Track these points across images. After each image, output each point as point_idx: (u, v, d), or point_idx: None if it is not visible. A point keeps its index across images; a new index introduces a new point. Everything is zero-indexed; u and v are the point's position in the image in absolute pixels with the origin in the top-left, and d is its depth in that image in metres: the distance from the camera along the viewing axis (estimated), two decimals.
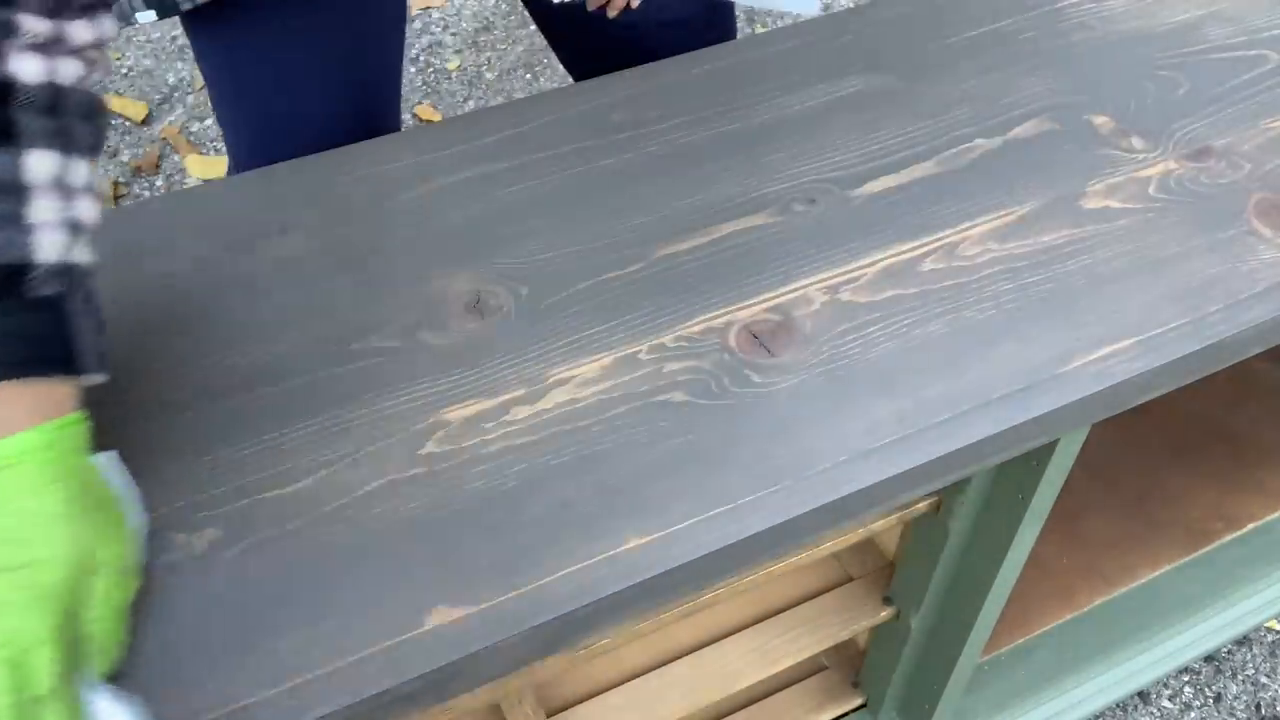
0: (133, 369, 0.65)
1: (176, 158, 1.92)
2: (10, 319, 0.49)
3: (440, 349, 0.67)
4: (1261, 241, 0.74)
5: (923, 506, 0.81)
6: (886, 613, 0.94)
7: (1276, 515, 1.18)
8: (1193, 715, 1.32)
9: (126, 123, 1.97)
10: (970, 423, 0.63)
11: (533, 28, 2.19)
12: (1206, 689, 1.34)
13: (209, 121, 1.97)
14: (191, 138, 1.95)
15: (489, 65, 2.13)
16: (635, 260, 0.72)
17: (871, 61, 0.88)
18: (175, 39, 2.12)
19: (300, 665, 0.52)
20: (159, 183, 1.88)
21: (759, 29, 2.18)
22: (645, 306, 0.69)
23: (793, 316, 0.69)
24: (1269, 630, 1.39)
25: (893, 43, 0.90)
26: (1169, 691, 1.34)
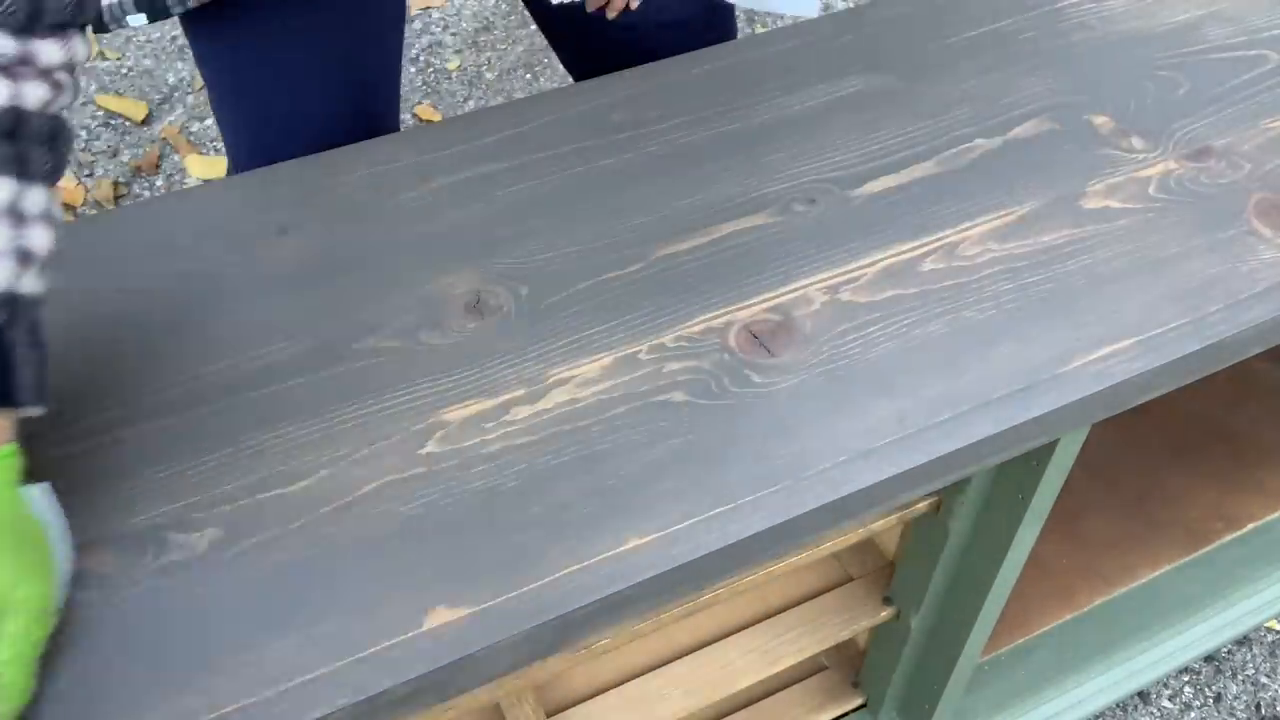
0: (133, 369, 0.65)
1: (176, 158, 1.91)
2: None
3: (440, 349, 0.67)
4: (1261, 241, 0.74)
5: (923, 506, 0.81)
6: (886, 613, 0.94)
7: (1276, 515, 1.18)
8: (1193, 715, 1.32)
9: (126, 123, 1.97)
10: (970, 423, 0.63)
11: (533, 28, 2.19)
12: (1206, 689, 1.34)
13: (209, 121, 1.97)
14: (191, 138, 1.95)
15: (489, 65, 2.13)
16: (635, 260, 0.72)
17: (871, 61, 0.88)
18: (175, 39, 2.12)
19: (300, 665, 0.52)
20: (159, 183, 1.88)
21: (759, 29, 2.18)
22: (645, 306, 0.69)
23: (793, 316, 0.69)
24: (1269, 630, 1.39)
25: (893, 43, 0.90)
26: (1169, 691, 1.34)
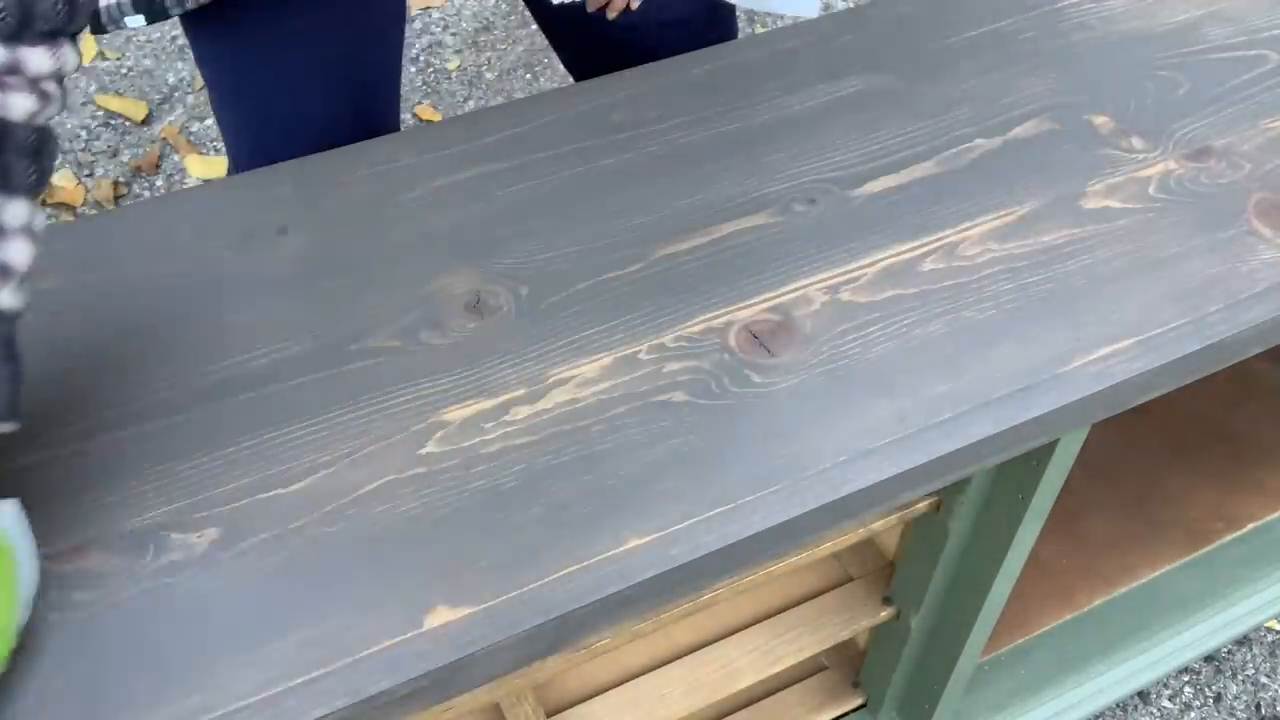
0: (133, 369, 0.65)
1: (176, 158, 1.91)
2: None
3: (440, 349, 0.67)
4: (1261, 241, 0.74)
5: (923, 506, 0.81)
6: (886, 613, 0.94)
7: (1276, 515, 1.18)
8: (1193, 715, 1.32)
9: (126, 123, 1.97)
10: (970, 423, 0.63)
11: (533, 28, 2.19)
12: (1206, 689, 1.34)
13: (209, 121, 1.97)
14: (191, 138, 1.95)
15: (489, 65, 2.13)
16: (635, 260, 0.72)
17: (871, 61, 0.88)
18: (175, 39, 2.12)
19: (300, 665, 0.52)
20: (159, 183, 1.88)
21: (759, 29, 2.18)
22: (645, 306, 0.69)
23: (793, 316, 0.69)
24: (1269, 630, 1.39)
25: (893, 43, 0.90)
26: (1169, 691, 1.34)
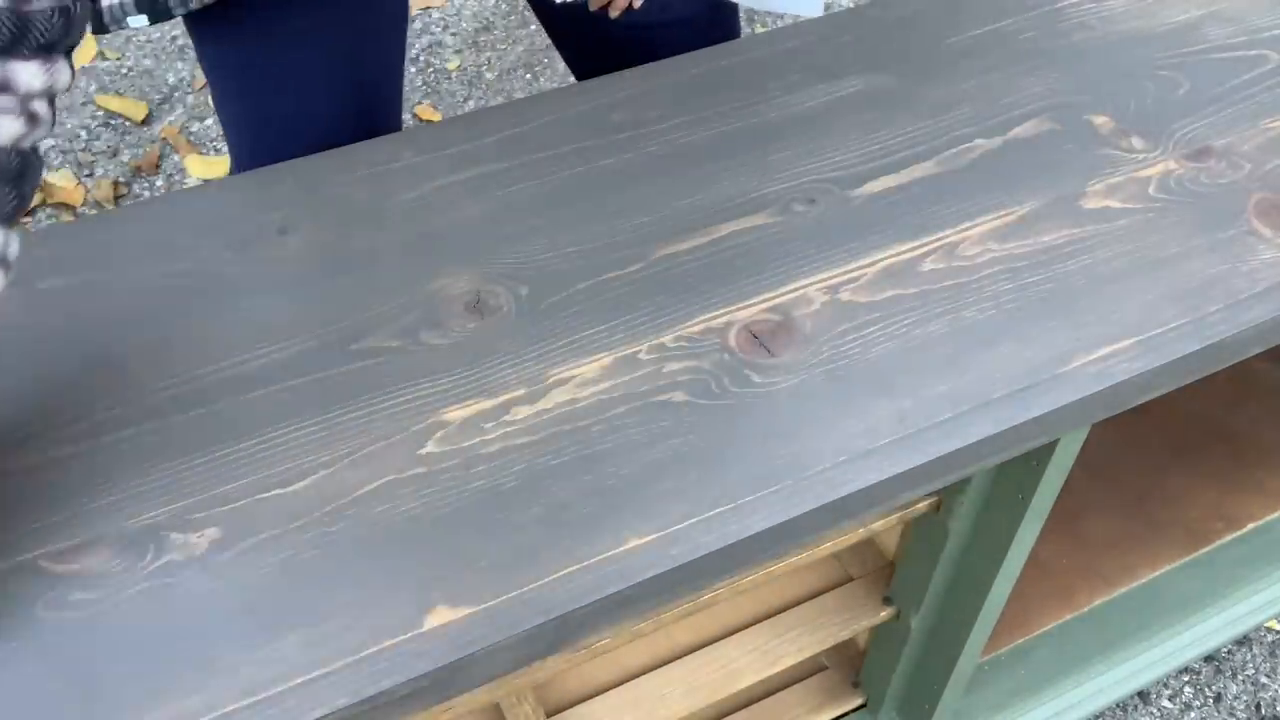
0: (133, 369, 0.65)
1: (176, 158, 1.91)
2: None
3: (440, 349, 0.67)
4: (1261, 241, 0.74)
5: (923, 506, 0.81)
6: (886, 613, 0.94)
7: (1276, 515, 1.18)
8: (1193, 715, 1.32)
9: (126, 123, 1.97)
10: (970, 423, 0.63)
11: (533, 28, 2.18)
12: (1206, 689, 1.34)
13: (209, 121, 1.97)
14: (191, 138, 1.95)
15: (489, 65, 2.13)
16: (635, 260, 0.72)
17: (871, 61, 0.88)
18: (175, 39, 2.12)
19: (300, 665, 0.52)
20: (159, 183, 1.88)
21: (759, 29, 2.18)
22: (645, 306, 0.69)
23: (793, 316, 0.69)
24: (1269, 630, 1.39)
25: (893, 43, 0.90)
26: (1169, 691, 1.34)
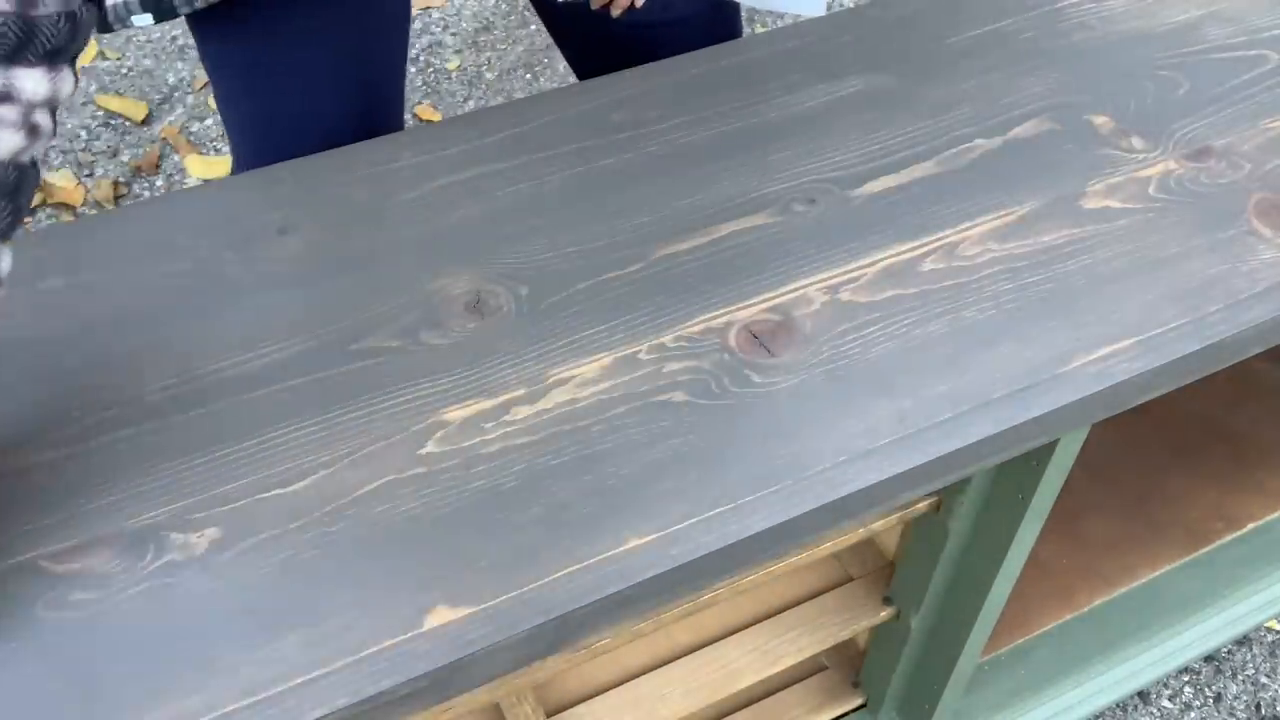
0: (133, 369, 0.65)
1: (176, 158, 1.91)
2: None
3: (440, 349, 0.67)
4: (1261, 241, 0.74)
5: (923, 506, 0.81)
6: (886, 613, 0.94)
7: (1276, 515, 1.18)
8: (1193, 715, 1.32)
9: (126, 123, 1.97)
10: (970, 423, 0.63)
11: (533, 28, 2.18)
12: (1206, 689, 1.34)
13: (209, 121, 1.97)
14: (191, 138, 1.95)
15: (489, 65, 2.13)
16: (635, 260, 0.72)
17: (871, 61, 0.88)
18: (175, 39, 2.12)
19: (300, 665, 0.52)
20: (159, 183, 1.88)
21: (759, 29, 2.18)
22: (645, 306, 0.69)
23: (793, 316, 0.69)
24: (1269, 630, 1.39)
25: (893, 43, 0.90)
26: (1169, 691, 1.34)
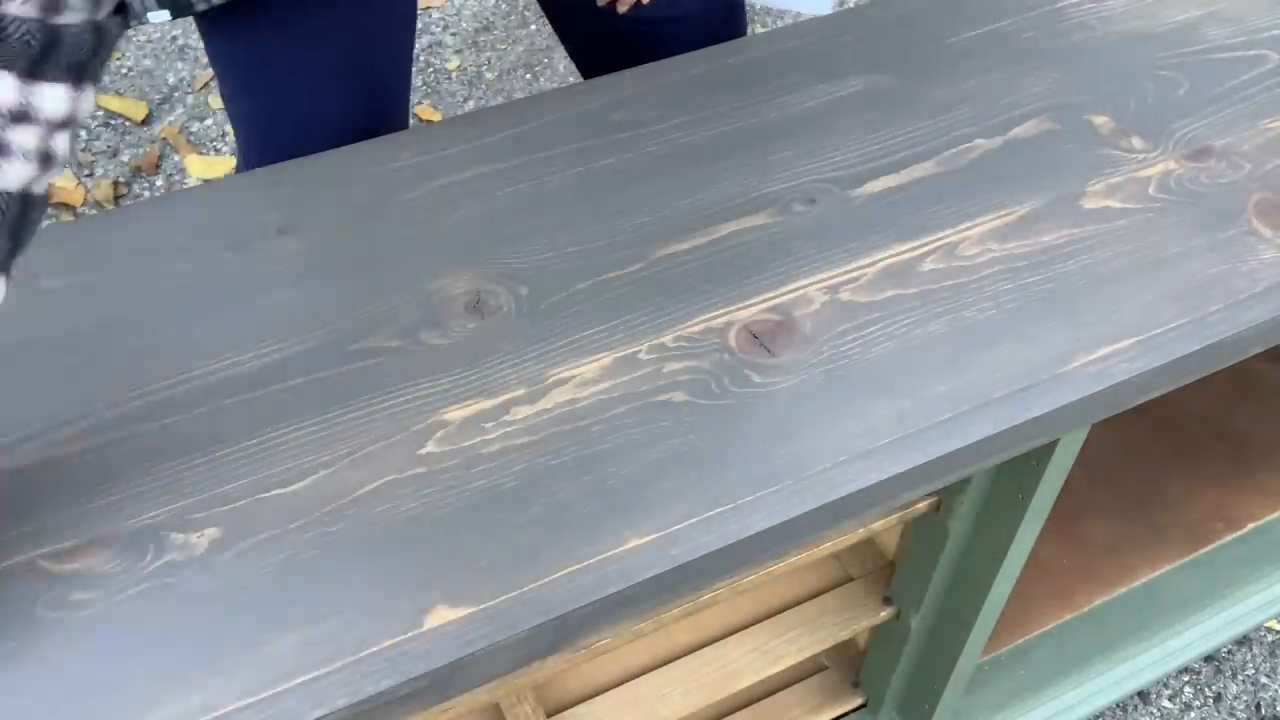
0: (132, 369, 0.65)
1: (176, 158, 1.91)
2: None
3: (440, 349, 0.67)
4: (1261, 241, 0.74)
5: (923, 506, 0.81)
6: (886, 613, 0.94)
7: (1276, 515, 1.18)
8: (1193, 715, 1.32)
9: (126, 123, 1.97)
10: (970, 423, 0.63)
11: (533, 28, 2.19)
12: (1206, 689, 1.34)
13: (209, 121, 1.97)
14: (191, 138, 1.95)
15: (489, 65, 2.13)
16: (635, 260, 0.72)
17: (871, 61, 0.88)
18: (175, 39, 2.12)
19: (300, 665, 0.52)
20: (159, 183, 1.88)
21: (759, 29, 2.18)
22: (645, 306, 0.69)
23: (793, 316, 0.69)
24: (1269, 630, 1.39)
25: (893, 43, 0.90)
26: (1169, 691, 1.34)
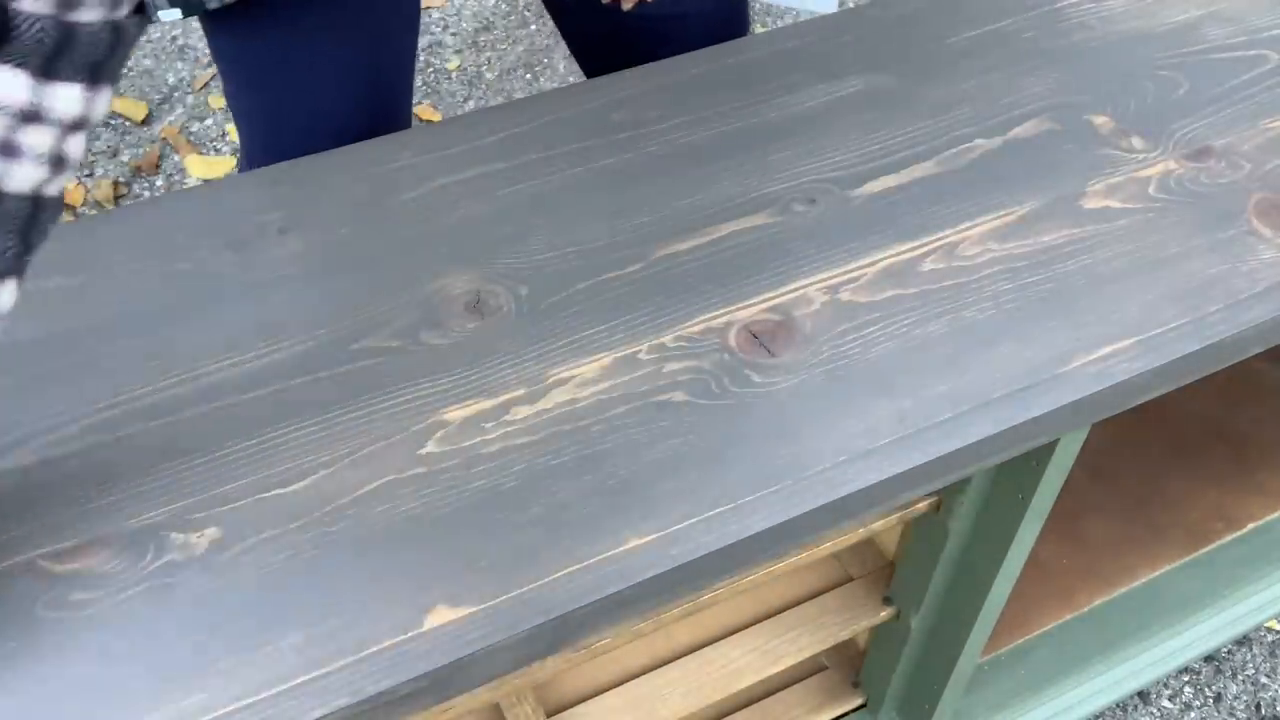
0: (132, 369, 0.65)
1: (176, 158, 1.91)
2: None
3: (440, 349, 0.67)
4: (1261, 241, 0.74)
5: (923, 506, 0.81)
6: (886, 613, 0.94)
7: (1276, 515, 1.18)
8: (1193, 715, 1.32)
9: (126, 123, 1.97)
10: (970, 423, 0.63)
11: (533, 28, 2.19)
12: (1206, 689, 1.34)
13: (209, 121, 1.97)
14: (191, 138, 1.95)
15: (489, 65, 2.13)
16: (635, 260, 0.72)
17: (871, 61, 0.88)
18: (175, 39, 2.12)
19: (300, 665, 0.52)
20: (159, 183, 1.88)
21: (759, 29, 2.18)
22: (645, 306, 0.69)
23: (793, 316, 0.69)
24: (1269, 630, 1.39)
25: (893, 43, 0.90)
26: (1169, 691, 1.34)
